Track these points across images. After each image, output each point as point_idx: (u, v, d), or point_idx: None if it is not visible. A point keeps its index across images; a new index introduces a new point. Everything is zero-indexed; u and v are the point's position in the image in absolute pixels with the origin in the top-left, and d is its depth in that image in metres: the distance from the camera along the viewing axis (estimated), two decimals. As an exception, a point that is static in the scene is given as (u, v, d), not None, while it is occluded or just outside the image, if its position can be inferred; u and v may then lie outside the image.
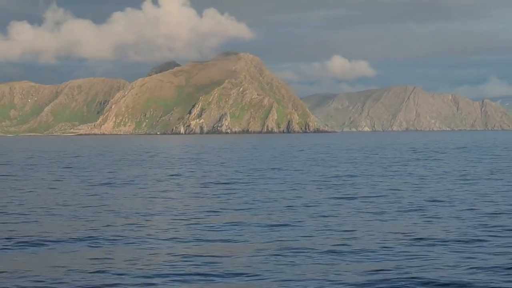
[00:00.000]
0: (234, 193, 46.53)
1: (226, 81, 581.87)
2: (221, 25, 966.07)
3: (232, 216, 34.23)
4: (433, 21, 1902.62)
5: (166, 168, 77.79)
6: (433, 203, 39.26)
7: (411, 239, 26.89)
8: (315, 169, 74.15)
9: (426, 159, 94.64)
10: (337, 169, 72.89)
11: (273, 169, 74.71)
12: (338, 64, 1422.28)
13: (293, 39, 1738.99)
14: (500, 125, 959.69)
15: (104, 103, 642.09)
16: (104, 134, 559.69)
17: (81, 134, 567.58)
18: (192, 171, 71.74)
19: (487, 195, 43.59)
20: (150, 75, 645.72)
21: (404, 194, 44.83)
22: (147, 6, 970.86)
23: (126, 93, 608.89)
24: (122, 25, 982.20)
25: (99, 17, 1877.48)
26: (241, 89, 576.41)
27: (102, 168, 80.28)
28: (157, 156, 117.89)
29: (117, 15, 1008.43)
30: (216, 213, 35.50)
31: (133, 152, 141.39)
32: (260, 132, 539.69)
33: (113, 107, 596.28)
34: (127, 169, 76.56)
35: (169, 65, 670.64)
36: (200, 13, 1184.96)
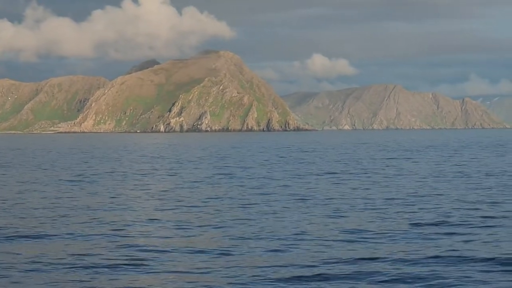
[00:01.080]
0: (193, 192, 47.29)
1: (206, 79, 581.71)
2: (201, 24, 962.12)
3: (178, 215, 34.99)
4: (413, 20, 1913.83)
5: (137, 165, 78.46)
6: (387, 201, 40.22)
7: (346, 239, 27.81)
8: (282, 167, 74.94)
9: (396, 158, 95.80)
10: (306, 167, 73.80)
11: (240, 167, 75.48)
12: (318, 62, 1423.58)
13: (273, 37, 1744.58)
14: (481, 124, 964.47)
15: (84, 101, 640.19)
16: (84, 132, 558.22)
17: (61, 132, 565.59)
18: (157, 169, 72.48)
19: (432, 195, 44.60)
20: (130, 73, 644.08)
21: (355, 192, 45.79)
22: (127, 4, 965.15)
23: (106, 91, 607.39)
24: (102, 23, 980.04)
25: (79, 15, 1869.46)
26: (221, 87, 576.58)
27: (72, 166, 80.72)
28: (131, 154, 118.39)
29: (97, 13, 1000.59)
30: (172, 211, 36.26)
31: (110, 150, 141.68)
32: (240, 131, 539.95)
33: (93, 105, 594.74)
34: (97, 167, 77.04)
35: (149, 63, 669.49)
36: (179, 11, 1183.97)
